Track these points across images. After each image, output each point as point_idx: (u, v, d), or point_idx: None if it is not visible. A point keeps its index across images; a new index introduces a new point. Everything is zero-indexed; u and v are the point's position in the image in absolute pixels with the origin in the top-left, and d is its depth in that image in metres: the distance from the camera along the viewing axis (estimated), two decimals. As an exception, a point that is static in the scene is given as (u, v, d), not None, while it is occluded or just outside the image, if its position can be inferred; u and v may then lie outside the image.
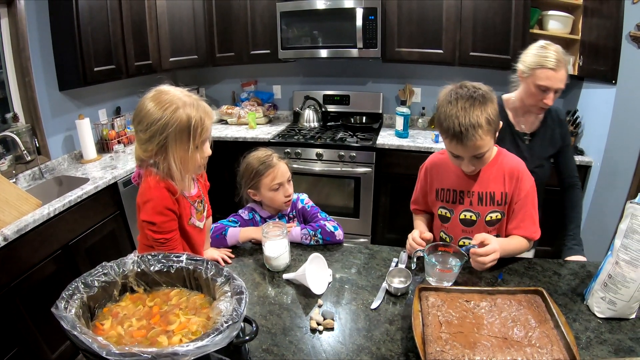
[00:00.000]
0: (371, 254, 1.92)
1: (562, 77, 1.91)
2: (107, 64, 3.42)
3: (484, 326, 1.31)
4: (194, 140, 1.50)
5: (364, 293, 1.63)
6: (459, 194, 1.84)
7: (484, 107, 1.57)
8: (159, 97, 1.48)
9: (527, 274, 1.74)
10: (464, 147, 1.63)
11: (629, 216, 1.40)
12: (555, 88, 1.92)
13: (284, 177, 1.99)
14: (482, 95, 1.59)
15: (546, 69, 1.89)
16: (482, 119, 1.56)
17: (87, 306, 1.16)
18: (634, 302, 1.41)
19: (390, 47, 3.93)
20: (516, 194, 1.78)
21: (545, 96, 1.94)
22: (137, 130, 1.51)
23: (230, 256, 1.92)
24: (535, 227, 1.81)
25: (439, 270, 1.61)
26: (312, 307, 1.55)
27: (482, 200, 1.81)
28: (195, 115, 1.47)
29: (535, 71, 1.93)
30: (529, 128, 2.17)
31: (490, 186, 1.80)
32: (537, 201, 1.82)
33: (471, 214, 1.84)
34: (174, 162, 1.50)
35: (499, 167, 1.79)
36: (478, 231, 1.81)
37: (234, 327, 1.04)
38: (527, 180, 1.79)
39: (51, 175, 3.24)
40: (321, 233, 1.96)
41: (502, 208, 1.81)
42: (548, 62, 1.89)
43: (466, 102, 1.57)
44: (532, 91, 1.98)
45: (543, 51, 1.92)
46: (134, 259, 1.29)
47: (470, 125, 1.56)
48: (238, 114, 4.60)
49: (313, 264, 1.63)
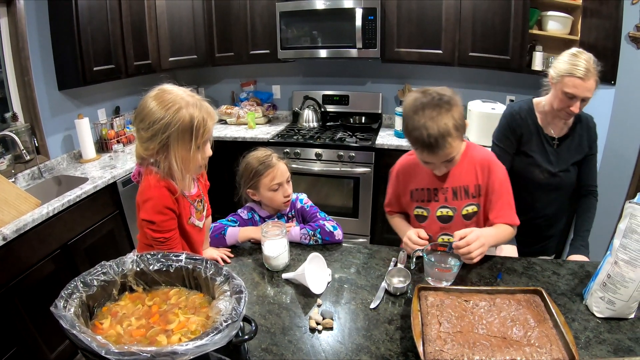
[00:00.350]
0: (370, 254, 1.92)
1: (590, 86, 1.90)
2: (106, 64, 3.43)
3: (483, 326, 1.31)
4: (196, 141, 1.50)
5: (363, 293, 1.63)
6: (433, 191, 1.86)
7: (451, 113, 1.58)
8: (162, 96, 1.47)
9: (526, 273, 1.74)
10: (435, 156, 1.66)
11: (627, 216, 1.40)
12: (582, 97, 1.93)
13: (283, 177, 1.99)
14: (448, 101, 1.59)
15: (575, 77, 1.89)
16: (450, 126, 1.57)
17: (86, 305, 1.16)
18: (633, 302, 1.41)
19: (390, 47, 3.93)
20: (490, 185, 1.80)
21: (571, 103, 1.95)
22: (138, 129, 1.50)
23: (229, 255, 1.92)
24: (513, 214, 1.83)
25: (438, 269, 1.61)
26: (311, 306, 1.55)
27: (456, 195, 1.83)
28: (198, 115, 1.47)
29: (564, 78, 1.93)
30: (557, 132, 2.17)
31: (463, 180, 1.82)
32: (510, 188, 1.85)
33: (447, 209, 1.85)
34: (175, 162, 1.50)
35: (469, 161, 1.82)
36: (456, 226, 1.83)
37: (233, 326, 1.04)
38: (499, 169, 1.82)
39: (50, 175, 3.24)
40: (320, 233, 1.96)
41: (477, 200, 1.83)
42: (577, 70, 1.88)
43: (433, 110, 1.57)
44: (559, 97, 1.99)
45: (574, 59, 1.92)
46: (133, 258, 1.29)
47: (439, 136, 1.57)
48: (237, 114, 4.60)
49: (312, 264, 1.63)
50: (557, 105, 2.03)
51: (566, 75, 1.92)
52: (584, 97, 1.93)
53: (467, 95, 4.04)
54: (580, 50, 1.95)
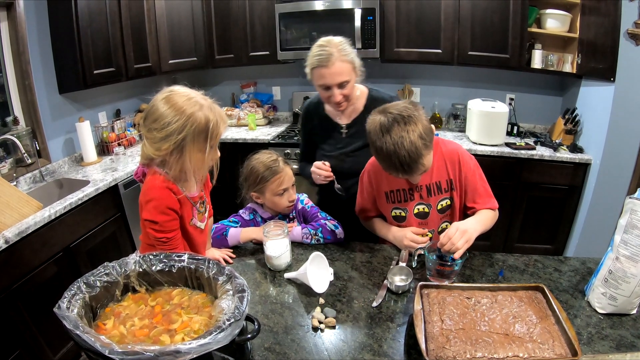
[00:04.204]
0: (372, 253, 1.92)
1: (337, 70, 1.89)
2: (106, 67, 3.43)
3: (485, 322, 1.31)
4: (210, 142, 1.51)
5: (365, 291, 1.64)
6: (408, 191, 1.87)
7: (417, 130, 1.56)
8: (174, 99, 1.47)
9: (527, 270, 1.74)
10: (410, 177, 1.71)
11: (628, 211, 1.40)
12: (335, 83, 1.92)
13: (290, 182, 2.00)
14: (410, 118, 1.57)
15: (318, 68, 1.90)
16: (419, 146, 1.55)
17: (89, 306, 1.17)
18: (634, 298, 1.41)
19: (389, 47, 3.94)
20: (463, 177, 1.82)
21: (330, 93, 1.96)
22: (150, 129, 1.49)
23: (231, 256, 1.92)
24: (491, 198, 1.86)
25: (440, 267, 1.62)
26: (313, 305, 1.55)
27: (430, 192, 1.85)
28: (213, 118, 1.49)
29: (312, 72, 1.95)
30: (346, 119, 2.18)
31: (435, 176, 1.84)
32: (482, 174, 1.87)
33: (423, 206, 1.87)
34: (189, 162, 1.51)
35: (439, 157, 1.83)
36: (432, 221, 1.89)
37: (236, 325, 1.05)
38: (468, 160, 1.84)
39: (52, 178, 3.25)
40: (322, 232, 1.97)
41: (449, 194, 1.86)
42: (319, 60, 1.89)
43: (399, 131, 1.55)
44: (319, 91, 2.02)
45: (316, 50, 1.92)
46: (135, 259, 1.31)
47: (411, 161, 1.56)
48: (238, 116, 4.60)
49: (314, 263, 1.63)
50: (323, 98, 2.05)
51: (312, 68, 1.94)
52: (339, 83, 1.92)
53: (467, 94, 4.08)
54: (326, 39, 1.94)
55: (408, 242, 1.79)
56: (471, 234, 1.61)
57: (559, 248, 3.78)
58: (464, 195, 1.86)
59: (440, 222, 1.90)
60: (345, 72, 1.91)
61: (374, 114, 1.67)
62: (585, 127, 3.58)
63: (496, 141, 3.66)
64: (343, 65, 1.90)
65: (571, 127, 3.62)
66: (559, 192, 3.58)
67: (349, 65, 1.92)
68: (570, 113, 3.68)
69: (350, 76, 1.94)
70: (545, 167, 3.52)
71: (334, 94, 1.95)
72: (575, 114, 3.65)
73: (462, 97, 4.16)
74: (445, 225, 1.90)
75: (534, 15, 3.58)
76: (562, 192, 3.57)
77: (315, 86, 2.01)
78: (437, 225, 1.91)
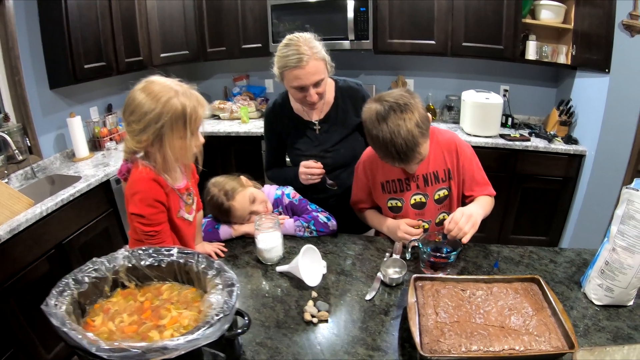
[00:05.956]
0: (365, 245, 1.91)
1: (312, 70, 1.83)
2: (97, 61, 3.39)
3: (480, 315, 1.30)
4: (190, 128, 1.49)
5: (358, 284, 1.62)
6: (405, 181, 1.85)
7: (413, 118, 1.55)
8: (151, 88, 1.46)
9: (522, 262, 1.73)
10: (407, 165, 1.70)
11: (625, 202, 1.39)
12: (311, 83, 1.85)
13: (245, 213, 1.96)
14: (406, 106, 1.56)
15: (291, 69, 1.83)
16: (416, 135, 1.55)
17: (77, 303, 1.15)
18: (631, 289, 1.41)
19: (382, 38, 3.90)
20: (460, 166, 1.81)
21: (305, 94, 1.88)
22: (129, 122, 1.48)
23: (223, 250, 1.90)
24: (489, 186, 1.87)
25: (434, 259, 1.60)
26: (306, 299, 1.53)
27: (427, 182, 1.83)
28: (189, 103, 1.47)
29: (283, 74, 1.87)
30: (317, 116, 2.12)
31: (432, 166, 1.82)
32: (479, 161, 1.86)
33: (420, 196, 1.85)
34: (171, 150, 1.49)
35: (436, 146, 1.81)
36: (429, 211, 1.87)
37: (225, 319, 1.04)
38: (465, 149, 1.83)
39: (43, 175, 3.21)
40: (314, 224, 1.95)
41: (447, 184, 1.84)
42: (290, 61, 1.81)
43: (395, 120, 1.54)
44: (292, 92, 1.95)
45: (285, 50, 1.85)
46: (124, 254, 1.29)
47: (408, 150, 1.56)
48: (230, 109, 4.57)
49: (306, 256, 1.61)
50: (296, 99, 1.99)
51: (284, 69, 1.85)
52: (315, 83, 1.86)
53: (461, 85, 4.06)
54: (293, 37, 1.88)
55: (402, 234, 1.78)
56: (476, 218, 1.60)
57: (553, 239, 3.79)
58: (461, 184, 1.85)
59: (437, 213, 1.89)
60: (320, 70, 1.86)
61: (369, 102, 1.65)
62: (580, 118, 3.58)
63: (490, 132, 3.66)
64: (317, 64, 1.84)
65: (566, 119, 3.62)
66: (554, 184, 3.59)
67: (322, 62, 1.86)
68: (565, 104, 3.68)
69: (324, 73, 1.89)
70: (539, 159, 3.52)
71: (310, 94, 1.89)
72: (569, 105, 3.65)
73: (456, 88, 4.15)
74: (442, 217, 1.89)
75: (528, 6, 3.56)
76: (557, 183, 3.58)
77: (287, 88, 1.95)
78: (435, 216, 1.89)
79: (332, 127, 2.11)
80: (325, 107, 2.11)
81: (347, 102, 2.09)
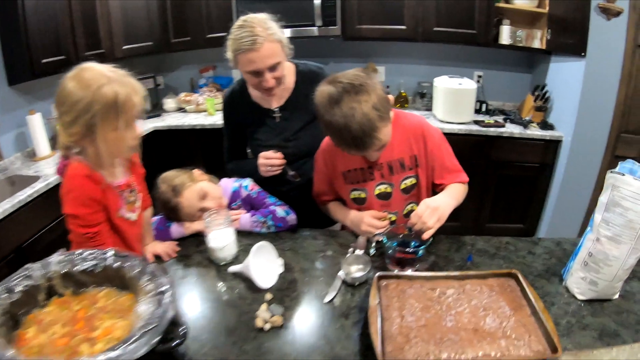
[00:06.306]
0: (327, 240, 1.76)
1: (267, 52, 1.70)
2: (56, 55, 3.19)
3: (451, 317, 1.15)
4: (123, 118, 1.36)
5: (318, 284, 1.47)
6: (368, 170, 1.71)
7: (370, 101, 1.40)
8: (81, 75, 1.34)
9: (498, 254, 1.61)
10: (365, 153, 1.54)
11: (609, 187, 1.26)
12: (266, 67, 1.72)
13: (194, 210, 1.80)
14: (362, 87, 1.41)
15: (245, 52, 1.70)
16: (373, 119, 1.40)
17: (9, 314, 1.04)
18: (617, 282, 1.30)
19: (351, 24, 3.77)
20: (429, 152, 1.67)
21: (261, 78, 1.76)
22: (60, 114, 1.36)
23: (175, 249, 1.74)
24: (461, 172, 1.73)
25: (400, 255, 1.45)
26: (260, 302, 1.38)
27: (392, 170, 1.69)
28: (122, 91, 1.34)
29: (236, 57, 1.74)
30: (276, 103, 2.00)
31: (397, 153, 1.67)
32: (449, 146, 1.72)
33: (385, 185, 1.71)
34: (103, 144, 1.36)
35: (401, 131, 1.66)
36: (396, 202, 1.74)
37: (153, 332, 0.91)
38: (433, 133, 1.69)
39: (4, 176, 3.01)
40: (272, 219, 1.80)
41: (415, 172, 1.70)
42: (244, 44, 1.69)
43: (349, 103, 1.39)
44: (247, 77, 1.83)
45: (238, 32, 1.71)
46: (58, 258, 1.17)
47: (365, 136, 1.41)
48: (196, 101, 4.42)
49: (259, 254, 1.46)
50: (251, 85, 1.87)
51: (237, 53, 1.73)
52: (270, 66, 1.73)
53: (434, 72, 3.96)
54: (247, 18, 1.75)
55: (366, 227, 1.62)
56: (443, 210, 1.47)
57: (531, 227, 3.76)
58: (430, 172, 1.70)
59: (405, 204, 1.74)
60: (276, 52, 1.72)
61: (322, 84, 1.50)
62: (556, 103, 3.55)
63: (464, 119, 3.58)
64: (273, 46, 1.70)
65: (541, 104, 3.59)
66: (530, 170, 3.56)
67: (278, 44, 1.73)
68: (540, 90, 3.64)
69: (281, 56, 1.76)
70: (515, 145, 3.47)
71: (266, 79, 1.75)
72: (545, 90, 3.62)
73: (429, 75, 4.03)
74: (411, 207, 1.74)
75: (501, -10, 3.47)
76: (533, 170, 3.55)
77: (242, 73, 1.82)
78: (402, 207, 1.75)
79: (293, 114, 1.98)
80: (285, 92, 1.98)
81: (309, 86, 1.93)
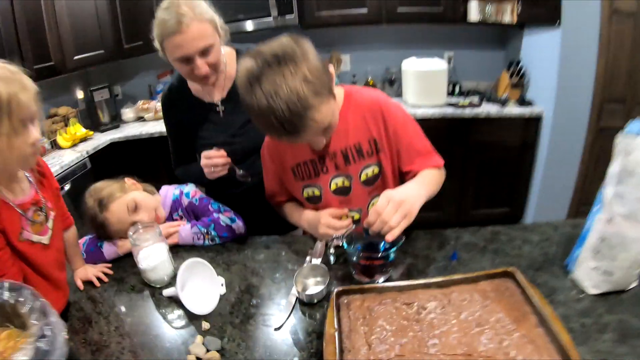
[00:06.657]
0: (280, 249, 1.50)
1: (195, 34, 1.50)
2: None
3: (435, 339, 0.87)
4: (10, 121, 1.13)
5: (267, 305, 1.21)
6: (319, 162, 1.45)
7: (300, 73, 1.12)
8: None
9: (489, 247, 1.38)
10: (300, 139, 1.24)
11: (621, 154, 1.04)
12: (197, 51, 1.52)
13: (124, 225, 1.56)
14: (289, 57, 1.13)
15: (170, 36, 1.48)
16: (305, 95, 1.11)
17: None
18: (636, 269, 1.10)
19: (309, 11, 3.57)
20: (391, 133, 1.40)
21: (192, 65, 1.56)
22: None
23: (107, 273, 1.49)
24: (433, 155, 1.47)
25: (364, 262, 1.18)
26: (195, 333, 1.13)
27: (348, 159, 1.43)
28: (7, 89, 1.12)
29: (163, 44, 1.54)
30: (219, 96, 1.81)
31: (352, 138, 1.41)
32: (417, 125, 1.46)
33: (342, 178, 1.45)
34: None
35: (355, 110, 1.40)
36: (357, 197, 1.48)
37: None
38: (395, 110, 1.43)
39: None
40: (215, 228, 1.53)
41: (376, 158, 1.43)
42: (168, 27, 1.48)
43: (274, 77, 1.11)
44: (177, 66, 1.61)
45: (162, 14, 1.50)
46: None
47: (295, 116, 1.12)
48: (155, 108, 4.21)
49: (193, 274, 1.21)
50: (184, 75, 1.66)
51: (162, 39, 1.52)
52: (200, 50, 1.53)
53: (402, 56, 3.78)
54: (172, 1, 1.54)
55: (324, 229, 1.35)
56: (411, 204, 1.16)
57: (517, 210, 3.66)
58: (396, 156, 1.42)
59: (368, 198, 1.47)
60: (207, 34, 1.51)
61: (242, 59, 1.21)
62: (533, 78, 3.43)
63: (437, 102, 3.42)
64: (201, 26, 1.49)
65: (517, 80, 3.46)
66: (512, 151, 3.44)
67: (208, 25, 1.50)
68: (515, 65, 3.50)
69: (214, 38, 1.53)
70: (493, 126, 3.33)
71: (197, 66, 1.52)
72: (520, 66, 3.49)
73: (397, 60, 3.84)
74: (376, 202, 1.45)
75: (466, -37, 3.31)
76: (515, 150, 3.43)
77: (171, 62, 1.57)
78: (365, 203, 1.48)
79: (238, 105, 1.69)
80: (227, 82, 1.75)
81: None
